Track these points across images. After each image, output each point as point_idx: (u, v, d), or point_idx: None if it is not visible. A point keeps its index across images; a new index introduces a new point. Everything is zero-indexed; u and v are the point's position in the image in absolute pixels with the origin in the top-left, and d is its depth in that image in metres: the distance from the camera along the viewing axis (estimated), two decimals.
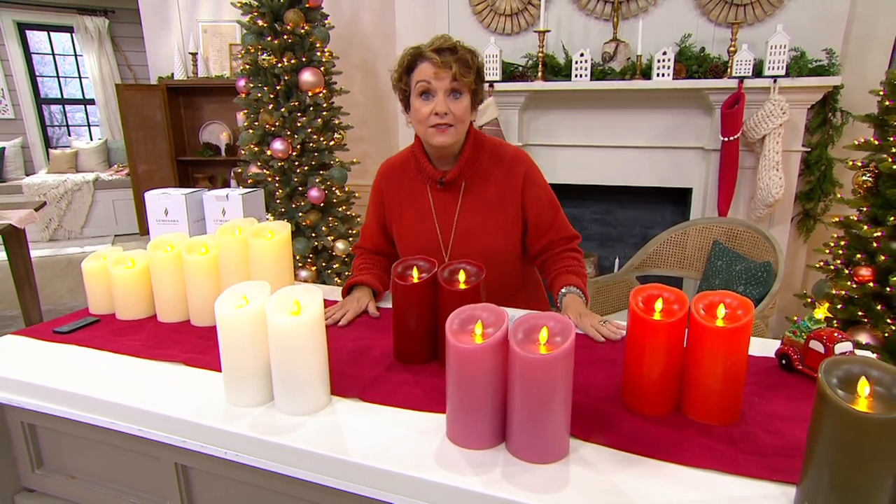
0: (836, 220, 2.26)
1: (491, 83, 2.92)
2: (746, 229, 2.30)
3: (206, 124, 4.65)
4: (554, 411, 0.78)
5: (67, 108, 6.65)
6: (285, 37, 2.93)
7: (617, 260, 3.31)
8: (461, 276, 1.06)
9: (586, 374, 1.03)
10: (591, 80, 2.81)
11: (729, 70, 2.63)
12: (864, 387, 0.65)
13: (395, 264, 1.11)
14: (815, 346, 1.00)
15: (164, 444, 0.94)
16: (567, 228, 1.44)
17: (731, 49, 2.62)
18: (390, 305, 1.13)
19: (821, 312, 1.03)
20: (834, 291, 2.16)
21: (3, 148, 5.84)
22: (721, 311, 0.88)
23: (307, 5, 2.98)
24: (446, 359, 0.82)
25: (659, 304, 0.91)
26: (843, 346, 0.98)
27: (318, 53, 3.03)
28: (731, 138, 2.63)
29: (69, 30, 6.28)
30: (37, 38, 6.32)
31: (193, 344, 1.16)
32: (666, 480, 0.75)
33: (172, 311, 1.26)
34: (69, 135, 6.62)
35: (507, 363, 0.79)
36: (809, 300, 2.33)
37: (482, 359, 0.79)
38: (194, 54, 4.27)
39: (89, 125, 6.79)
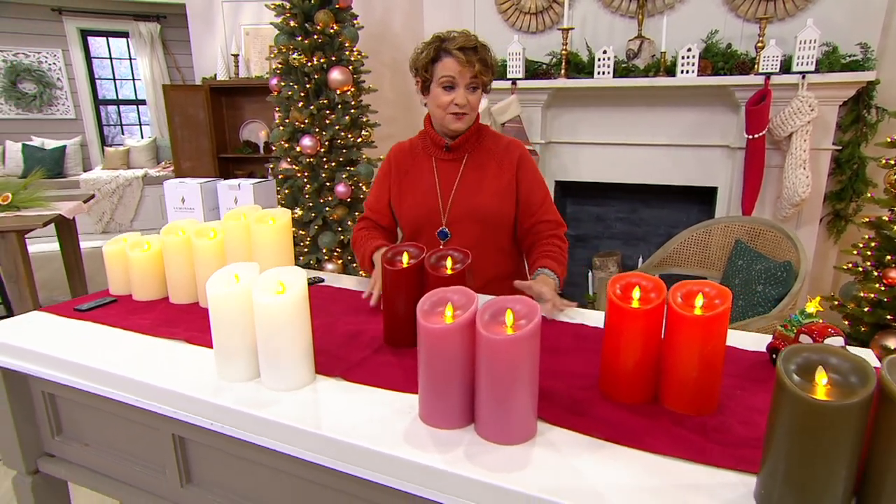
0: (867, 220, 2.17)
1: (514, 80, 2.92)
2: (769, 228, 2.23)
3: (246, 123, 4.81)
4: (518, 392, 0.79)
5: (122, 108, 7.01)
6: (315, 37, 3.01)
7: (640, 259, 3.25)
8: (448, 262, 1.08)
9: (569, 363, 1.03)
10: (614, 77, 2.78)
11: (756, 66, 2.56)
12: (821, 375, 0.65)
13: (384, 250, 1.14)
14: (805, 340, 0.98)
15: (162, 416, 1.00)
16: (554, 213, 1.51)
17: (759, 45, 2.54)
18: None
19: (812, 306, 1.00)
20: (862, 294, 2.07)
21: (65, 146, 6.21)
22: (699, 300, 0.88)
23: (337, 6, 3.06)
24: (417, 340, 0.84)
25: (636, 293, 0.91)
26: (833, 341, 0.95)
27: (347, 53, 3.10)
28: (756, 135, 2.55)
29: (125, 35, 6.63)
30: (97, 44, 6.69)
31: (198, 323, 1.22)
32: (629, 465, 0.75)
33: (182, 292, 1.33)
34: (122, 133, 6.98)
35: (475, 344, 0.81)
36: (836, 303, 2.24)
37: (450, 339, 0.81)
38: (236, 56, 4.43)
39: (140, 124, 7.14)
